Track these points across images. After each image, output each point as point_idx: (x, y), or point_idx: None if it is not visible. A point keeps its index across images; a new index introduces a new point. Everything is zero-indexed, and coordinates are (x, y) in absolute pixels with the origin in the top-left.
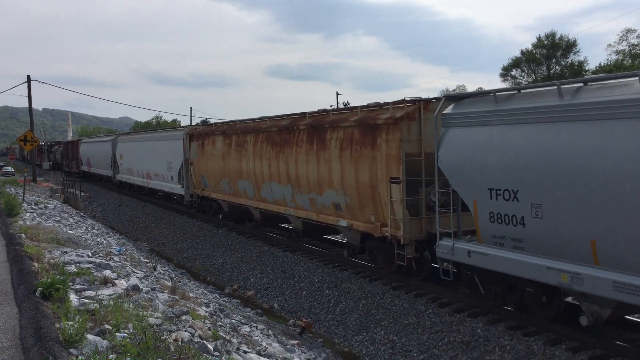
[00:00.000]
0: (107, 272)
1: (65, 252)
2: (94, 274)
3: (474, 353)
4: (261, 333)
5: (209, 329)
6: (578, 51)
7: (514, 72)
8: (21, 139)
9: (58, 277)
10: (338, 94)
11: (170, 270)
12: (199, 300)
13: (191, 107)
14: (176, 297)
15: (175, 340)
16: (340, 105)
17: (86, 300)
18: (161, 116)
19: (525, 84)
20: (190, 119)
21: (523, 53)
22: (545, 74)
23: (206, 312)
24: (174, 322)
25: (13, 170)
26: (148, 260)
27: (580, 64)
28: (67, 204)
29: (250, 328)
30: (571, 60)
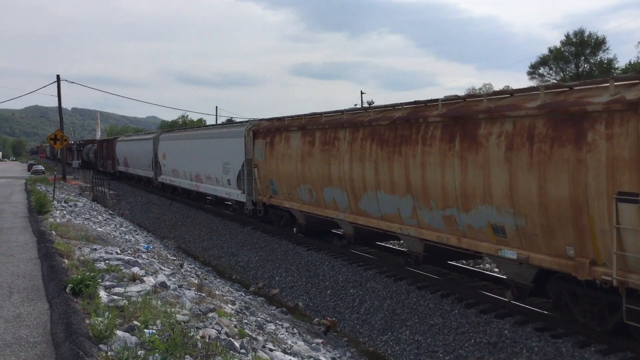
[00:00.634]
0: (136, 269)
1: (95, 249)
2: (123, 270)
3: (501, 354)
4: (286, 331)
5: (235, 327)
6: (607, 49)
7: (542, 70)
8: (51, 138)
9: (88, 274)
10: (362, 93)
11: (196, 267)
12: (225, 297)
13: (217, 107)
14: (203, 295)
15: (203, 337)
16: (365, 104)
17: (115, 297)
18: (187, 115)
19: None
20: (216, 118)
21: (551, 51)
22: (574, 72)
23: (232, 310)
24: (201, 319)
25: (43, 168)
26: (175, 258)
27: (610, 61)
28: (96, 202)
29: (275, 326)
30: (600, 58)
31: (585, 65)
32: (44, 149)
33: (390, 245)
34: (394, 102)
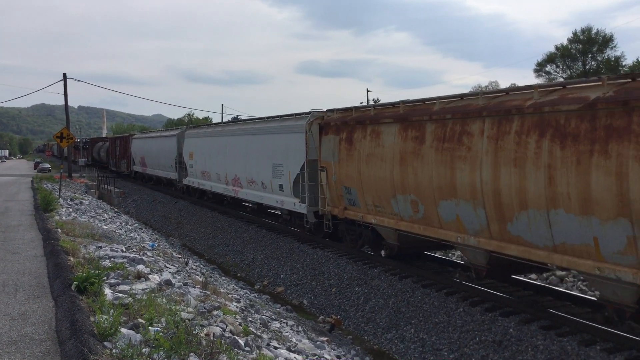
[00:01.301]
0: (141, 267)
1: (100, 247)
2: (128, 268)
3: (506, 353)
4: (291, 329)
5: (240, 325)
6: (615, 46)
7: (549, 68)
8: (57, 136)
9: (93, 272)
10: (368, 91)
11: (201, 265)
12: (229, 295)
13: (222, 105)
14: (208, 292)
15: (207, 334)
16: (370, 102)
17: (120, 295)
18: (193, 113)
19: None
20: (222, 116)
21: (558, 48)
22: (581, 69)
23: (237, 308)
24: (206, 317)
25: (49, 166)
26: (180, 256)
27: (617, 59)
28: (102, 200)
29: (280, 324)
30: (607, 55)
31: (593, 62)
32: (51, 147)
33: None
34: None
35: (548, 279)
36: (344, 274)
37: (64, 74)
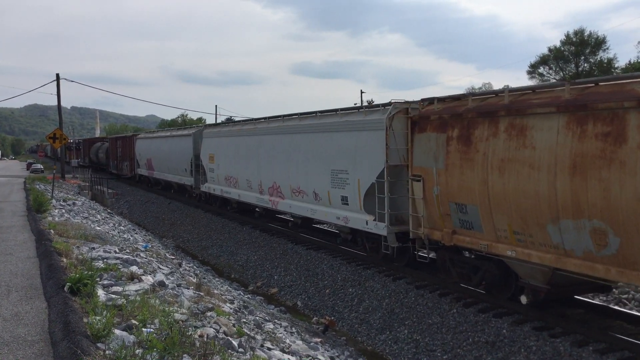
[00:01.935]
0: (134, 268)
1: (93, 248)
2: (121, 269)
3: (499, 354)
4: (285, 330)
5: (234, 326)
6: (607, 48)
7: (542, 70)
8: (50, 137)
9: (86, 273)
10: (362, 92)
11: (195, 266)
12: (223, 296)
13: (216, 105)
14: (201, 294)
15: (201, 336)
16: (364, 103)
17: (113, 296)
18: (187, 114)
19: None
20: (215, 117)
21: (551, 50)
22: (574, 71)
23: (231, 309)
24: (199, 318)
25: (42, 167)
26: (174, 257)
27: (610, 61)
28: (95, 201)
29: (274, 325)
30: (600, 57)
31: (585, 64)
32: (44, 148)
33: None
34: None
35: None
36: (337, 275)
37: (57, 75)
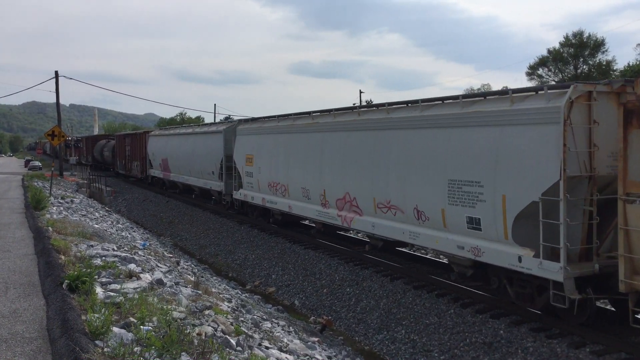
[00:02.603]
0: (132, 266)
1: (91, 246)
2: (119, 267)
3: (496, 354)
4: (282, 329)
5: (232, 324)
6: (606, 50)
7: (541, 71)
8: (49, 134)
9: (84, 270)
10: (361, 92)
11: (193, 265)
12: (221, 295)
13: (215, 104)
14: (199, 292)
15: (199, 334)
16: (363, 103)
17: (111, 293)
18: (185, 112)
19: None
20: (214, 116)
21: (550, 52)
22: (573, 73)
23: (228, 308)
24: (197, 317)
25: (40, 164)
26: (172, 255)
27: (608, 63)
28: (93, 199)
29: (271, 324)
30: (599, 59)
31: (584, 66)
32: (43, 145)
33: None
34: (393, 101)
35: None
36: (335, 274)
37: (56, 72)
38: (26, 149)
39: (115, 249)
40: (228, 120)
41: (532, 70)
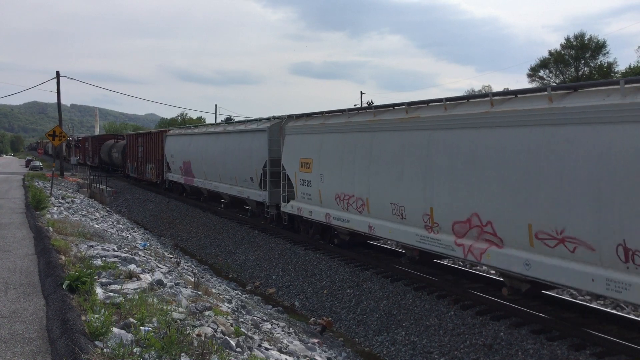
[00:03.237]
0: (132, 267)
1: (92, 246)
2: (119, 268)
3: (496, 356)
4: (282, 330)
5: (232, 325)
6: (607, 52)
7: (542, 73)
8: (50, 134)
9: (84, 271)
10: (362, 93)
11: (193, 266)
12: (221, 296)
13: (216, 105)
14: (199, 293)
15: (199, 335)
16: (364, 104)
17: (111, 294)
18: (186, 113)
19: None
20: (215, 116)
21: (551, 54)
22: (574, 75)
23: (228, 308)
24: (197, 317)
25: (41, 164)
26: (172, 256)
27: (610, 65)
28: (94, 199)
29: (271, 325)
30: (600, 61)
31: (585, 68)
32: (45, 145)
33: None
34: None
35: None
36: (335, 276)
37: (57, 72)
38: (27, 149)
39: (116, 249)
40: (273, 118)
41: (534, 72)
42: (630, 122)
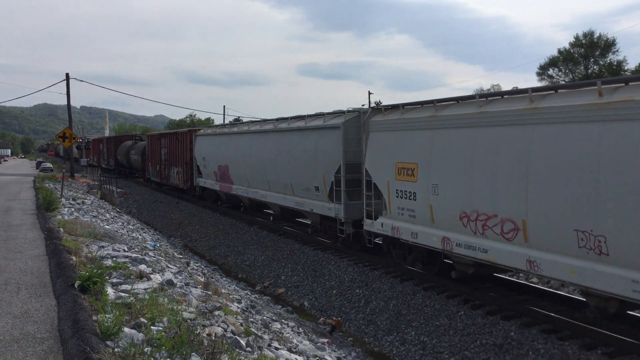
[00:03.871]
0: (143, 267)
1: (102, 247)
2: (130, 268)
3: (507, 356)
4: (292, 330)
5: (241, 325)
6: (617, 50)
7: (551, 72)
8: (60, 136)
9: (95, 271)
10: (370, 93)
11: (203, 266)
12: (231, 296)
13: (224, 106)
14: (209, 293)
15: (209, 334)
16: (372, 105)
17: (122, 294)
18: (195, 114)
19: None
20: (224, 118)
21: (560, 52)
22: (583, 73)
23: (238, 308)
24: (207, 317)
25: (51, 166)
26: (182, 256)
27: (620, 63)
28: (104, 200)
29: (281, 325)
30: (610, 59)
31: (595, 67)
32: (55, 147)
33: None
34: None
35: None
36: (344, 276)
37: (67, 74)
38: (37, 151)
39: (126, 249)
40: (339, 112)
41: (543, 71)
42: None
